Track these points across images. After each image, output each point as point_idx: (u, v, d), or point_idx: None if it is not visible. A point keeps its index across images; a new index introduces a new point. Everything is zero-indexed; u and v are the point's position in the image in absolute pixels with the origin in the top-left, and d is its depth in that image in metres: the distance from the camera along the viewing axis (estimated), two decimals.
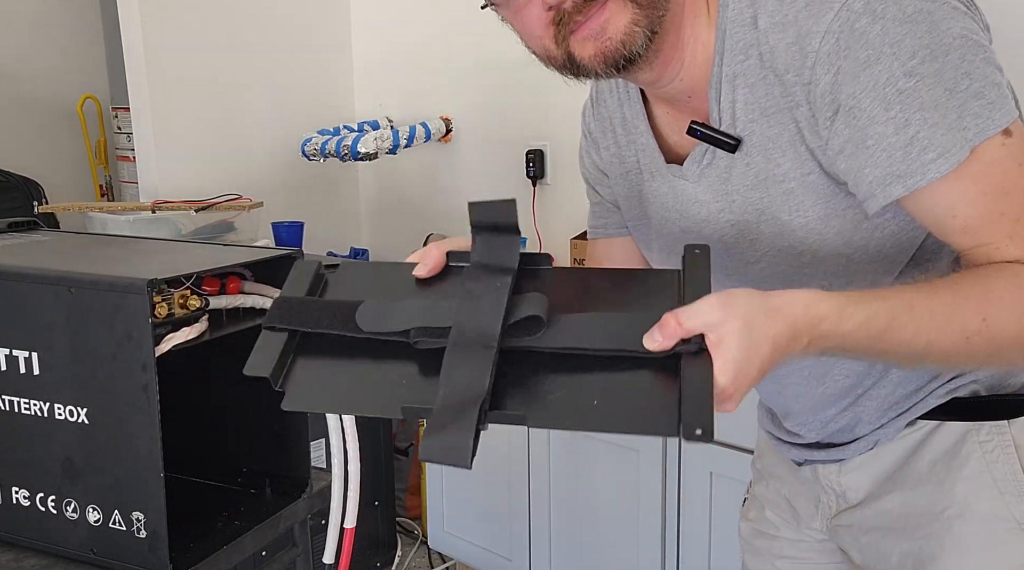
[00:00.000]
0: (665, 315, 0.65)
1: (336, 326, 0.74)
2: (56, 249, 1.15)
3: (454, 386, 0.67)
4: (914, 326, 0.74)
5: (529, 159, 2.59)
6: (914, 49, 0.73)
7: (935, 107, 0.74)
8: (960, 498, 0.92)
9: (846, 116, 0.77)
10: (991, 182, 0.76)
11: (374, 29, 3.02)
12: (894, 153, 0.75)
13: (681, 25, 0.86)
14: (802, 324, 0.69)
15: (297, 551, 1.20)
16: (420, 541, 2.77)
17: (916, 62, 0.73)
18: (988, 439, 0.91)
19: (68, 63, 3.79)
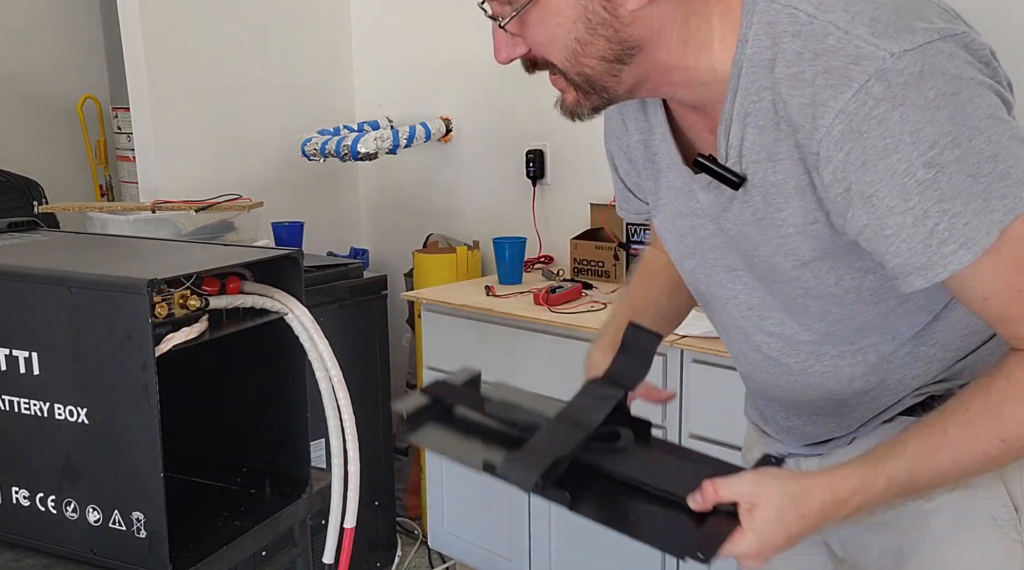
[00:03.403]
0: (704, 482, 0.81)
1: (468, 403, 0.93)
2: (56, 249, 1.15)
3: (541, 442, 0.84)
4: (935, 470, 0.81)
5: (529, 159, 2.59)
6: (935, 138, 0.72)
7: (956, 196, 0.73)
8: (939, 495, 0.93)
9: (864, 204, 0.77)
10: (1018, 259, 0.76)
11: (374, 29, 3.02)
12: (914, 245, 0.76)
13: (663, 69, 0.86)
14: (831, 508, 0.80)
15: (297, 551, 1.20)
16: (420, 541, 2.77)
17: (936, 152, 0.72)
18: None
19: (68, 63, 3.79)
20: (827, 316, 0.91)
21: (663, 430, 1.78)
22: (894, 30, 0.74)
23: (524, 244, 2.37)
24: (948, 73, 0.73)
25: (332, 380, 1.05)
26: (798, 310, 0.93)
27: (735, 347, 1.05)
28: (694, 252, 0.99)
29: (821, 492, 0.80)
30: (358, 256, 2.72)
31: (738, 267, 0.94)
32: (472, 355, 2.17)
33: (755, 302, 0.96)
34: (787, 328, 0.95)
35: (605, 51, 0.84)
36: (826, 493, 0.80)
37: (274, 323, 1.05)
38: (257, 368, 1.11)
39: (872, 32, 0.74)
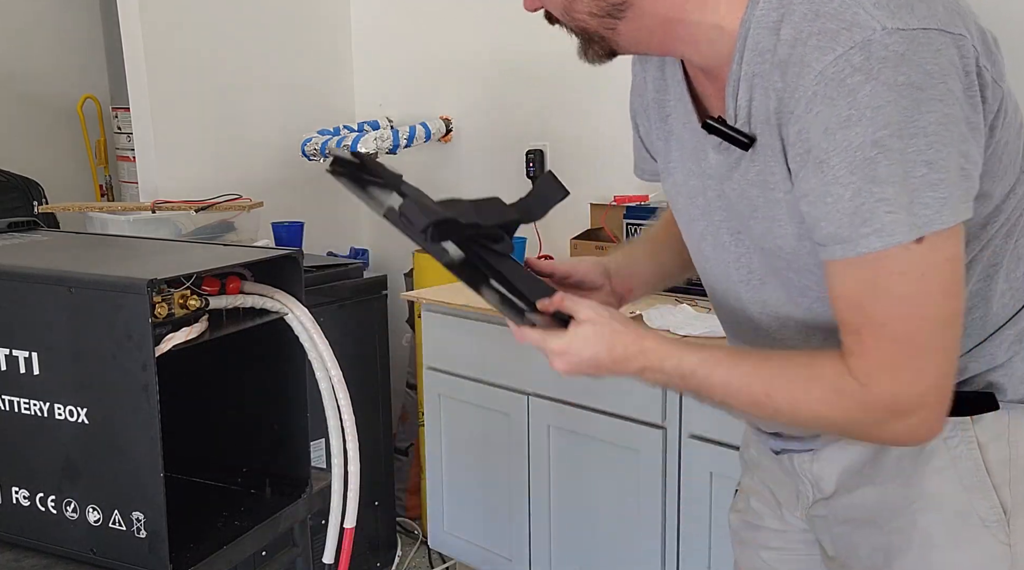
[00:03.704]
0: (557, 293, 0.97)
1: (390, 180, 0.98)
2: (56, 249, 1.15)
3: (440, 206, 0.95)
4: (711, 382, 0.89)
5: (529, 159, 2.58)
6: (888, 121, 0.74)
7: (888, 183, 0.75)
8: (926, 493, 0.94)
9: (816, 169, 0.78)
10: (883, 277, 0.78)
11: (374, 29, 3.02)
12: (843, 218, 0.77)
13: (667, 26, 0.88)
14: (633, 350, 0.92)
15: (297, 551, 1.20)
16: (420, 541, 2.77)
17: (885, 133, 0.74)
18: (952, 435, 0.92)
19: (68, 63, 3.79)
20: (807, 292, 0.92)
21: (663, 430, 1.79)
22: (896, 6, 0.74)
23: (524, 244, 2.37)
24: (925, 67, 0.74)
25: (332, 380, 1.05)
26: (786, 282, 0.94)
27: (730, 320, 1.06)
28: (704, 213, 0.99)
29: (629, 339, 0.92)
30: (358, 256, 2.72)
31: (741, 230, 0.95)
32: (472, 355, 2.17)
33: (755, 266, 0.96)
34: (779, 299, 0.96)
35: (592, 7, 0.88)
36: (631, 345, 0.92)
37: (274, 323, 1.05)
38: (257, 368, 1.12)
39: (875, 3, 0.74)
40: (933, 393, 0.81)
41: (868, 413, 0.84)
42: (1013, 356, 0.92)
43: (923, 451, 0.93)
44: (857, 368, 0.82)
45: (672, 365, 0.92)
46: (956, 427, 0.92)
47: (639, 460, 1.84)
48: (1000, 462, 0.92)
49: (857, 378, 0.82)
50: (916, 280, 0.77)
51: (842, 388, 0.83)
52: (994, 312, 0.92)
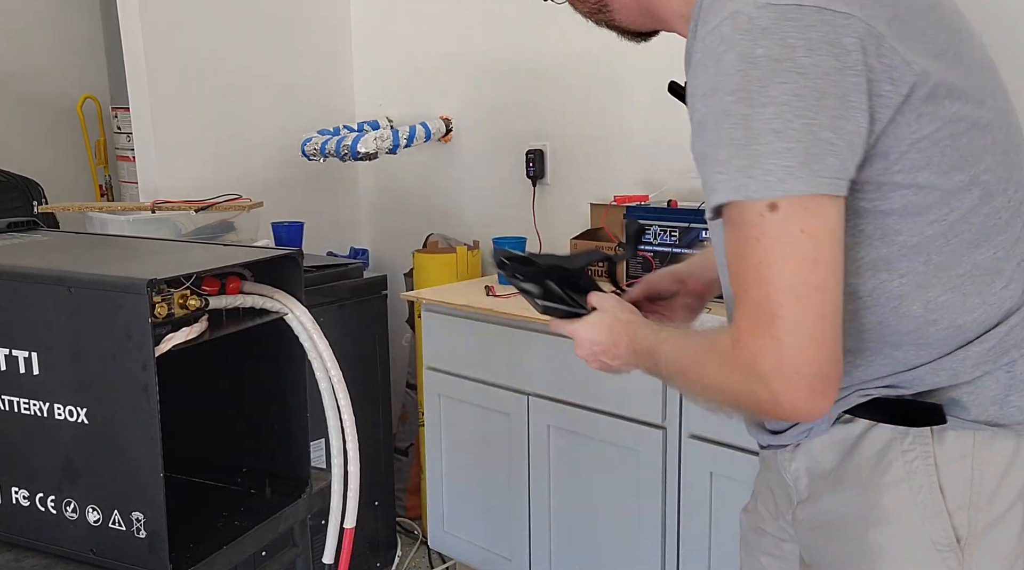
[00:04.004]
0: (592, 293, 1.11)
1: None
2: (56, 249, 1.15)
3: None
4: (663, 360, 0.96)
5: (529, 159, 2.58)
6: (737, 88, 0.77)
7: (730, 145, 0.78)
8: (879, 506, 0.91)
9: (698, 131, 0.84)
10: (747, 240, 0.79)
11: (374, 29, 3.02)
12: (702, 174, 0.83)
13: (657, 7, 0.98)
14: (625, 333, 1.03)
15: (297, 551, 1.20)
16: (420, 541, 2.77)
17: (733, 100, 0.77)
18: (911, 449, 0.90)
19: (68, 63, 3.79)
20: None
21: (663, 430, 1.79)
22: None
23: (524, 244, 2.37)
24: (787, 40, 0.76)
25: (332, 380, 1.05)
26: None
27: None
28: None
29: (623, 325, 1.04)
30: (358, 256, 2.72)
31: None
32: (472, 355, 2.17)
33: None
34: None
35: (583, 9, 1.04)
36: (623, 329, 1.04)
37: (274, 323, 1.05)
38: (257, 368, 1.12)
39: None
40: (790, 366, 0.79)
41: (737, 376, 0.83)
42: (983, 375, 0.88)
43: (881, 461, 0.91)
44: (732, 331, 0.83)
45: (646, 346, 0.99)
46: (915, 440, 0.90)
47: (639, 460, 1.84)
48: (959, 485, 0.88)
49: (731, 340, 0.83)
50: (768, 248, 0.78)
51: (724, 353, 0.84)
52: (961, 325, 0.88)
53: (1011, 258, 0.88)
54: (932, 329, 0.87)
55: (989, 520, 0.88)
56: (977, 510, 0.88)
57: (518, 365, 2.07)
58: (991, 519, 0.88)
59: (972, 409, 0.89)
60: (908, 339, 0.89)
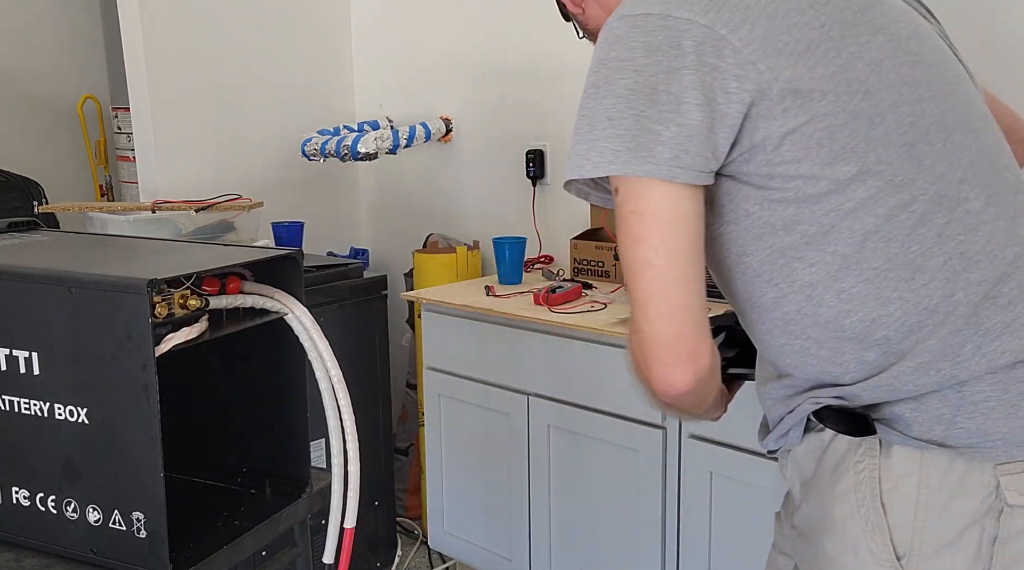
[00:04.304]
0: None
1: None
2: (56, 249, 1.15)
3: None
4: None
5: (529, 159, 2.58)
6: (590, 86, 0.88)
7: (577, 133, 0.88)
8: (831, 516, 0.92)
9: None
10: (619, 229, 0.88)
11: (374, 29, 3.02)
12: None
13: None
14: None
15: (297, 551, 1.20)
16: (420, 541, 2.77)
17: (588, 94, 0.88)
18: (861, 459, 0.90)
19: (68, 63, 3.79)
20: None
21: (663, 430, 1.79)
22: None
23: (524, 244, 2.37)
24: (631, 45, 0.86)
25: (332, 380, 1.05)
26: None
27: None
28: None
29: None
30: (358, 256, 2.72)
31: None
32: (472, 355, 2.17)
33: None
34: None
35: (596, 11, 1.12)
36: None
37: (274, 323, 1.05)
38: (257, 368, 1.11)
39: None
40: (648, 338, 0.87)
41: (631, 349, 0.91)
42: (928, 393, 0.88)
43: (836, 471, 0.92)
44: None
45: None
46: (866, 453, 0.90)
47: (639, 460, 1.84)
48: (903, 502, 0.88)
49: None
50: (617, 226, 0.88)
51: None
52: (876, 319, 0.88)
53: (933, 256, 0.86)
54: (847, 321, 0.88)
55: (937, 543, 0.87)
56: (922, 530, 0.87)
57: (518, 365, 2.07)
58: (940, 542, 0.87)
59: (915, 426, 0.88)
60: (827, 331, 0.90)
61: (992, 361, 0.86)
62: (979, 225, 0.87)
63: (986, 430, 0.86)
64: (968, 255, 0.87)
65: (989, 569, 0.87)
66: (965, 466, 0.87)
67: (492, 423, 2.16)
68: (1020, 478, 0.86)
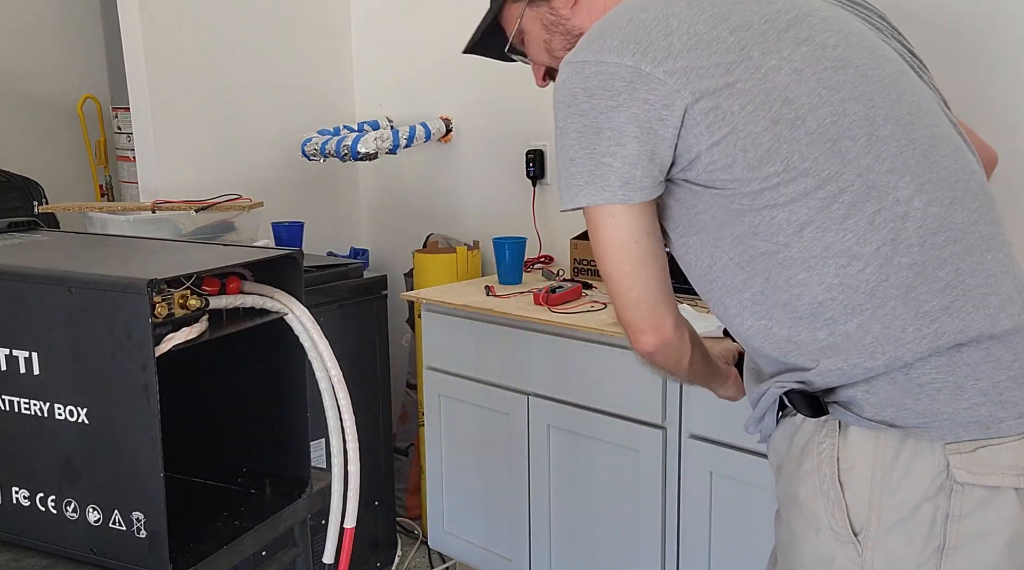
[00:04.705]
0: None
1: None
2: (56, 249, 1.15)
3: None
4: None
5: (529, 159, 2.58)
6: (556, 124, 1.01)
7: (557, 168, 1.03)
8: (796, 494, 0.99)
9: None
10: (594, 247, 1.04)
11: (374, 29, 3.02)
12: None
13: None
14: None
15: (297, 551, 1.20)
16: (420, 541, 2.77)
17: (556, 132, 1.02)
18: (823, 440, 0.97)
19: (68, 63, 3.79)
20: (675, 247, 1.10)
21: (663, 430, 1.79)
22: (582, 44, 1.00)
23: (524, 244, 2.37)
24: (575, 88, 0.99)
25: (332, 380, 1.05)
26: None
27: None
28: None
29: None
30: (358, 256, 2.72)
31: None
32: (472, 355, 2.17)
33: None
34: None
35: (564, 43, 1.20)
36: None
37: (274, 323, 1.05)
38: (257, 368, 1.12)
39: (585, 39, 1.01)
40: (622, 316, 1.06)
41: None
42: (877, 376, 0.94)
43: (802, 451, 0.99)
44: None
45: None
46: (827, 434, 0.97)
47: (639, 460, 1.84)
48: (859, 480, 0.94)
49: None
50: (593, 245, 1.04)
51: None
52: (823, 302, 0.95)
53: (867, 243, 0.93)
54: (799, 303, 0.96)
55: (891, 519, 0.93)
56: (876, 507, 0.93)
57: (518, 365, 2.07)
58: (893, 518, 0.93)
59: (867, 408, 0.94)
60: (784, 311, 0.98)
61: (932, 343, 0.91)
62: (909, 212, 0.93)
63: (933, 411, 0.92)
64: (899, 241, 0.92)
65: (943, 546, 0.92)
66: (915, 445, 0.93)
67: (492, 423, 2.16)
68: (967, 457, 0.92)
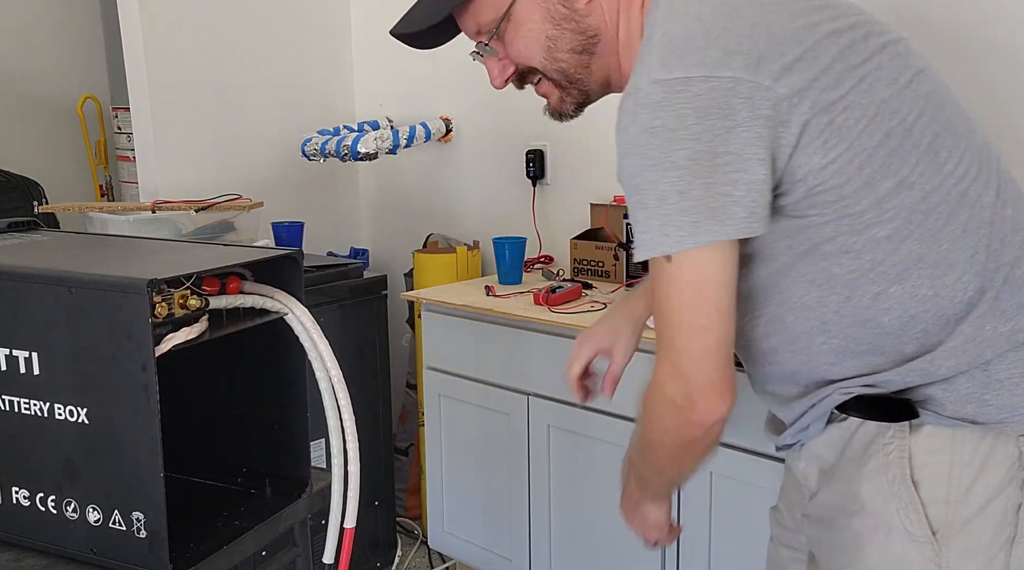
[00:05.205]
0: None
1: None
2: (56, 249, 1.15)
3: None
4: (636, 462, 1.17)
5: (529, 159, 2.58)
6: (646, 157, 0.87)
7: (646, 208, 0.88)
8: (859, 497, 0.96)
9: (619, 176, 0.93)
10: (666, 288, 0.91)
11: (374, 29, 3.02)
12: (634, 232, 0.92)
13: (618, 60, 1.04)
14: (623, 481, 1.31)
15: (297, 551, 1.20)
16: (420, 541, 2.77)
17: (643, 167, 0.88)
18: (890, 441, 0.95)
19: (68, 63, 3.79)
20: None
21: None
22: (669, 58, 0.87)
23: (524, 244, 2.37)
24: (679, 111, 0.85)
25: (332, 380, 1.05)
26: None
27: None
28: None
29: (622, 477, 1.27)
30: (358, 256, 2.72)
31: None
32: (472, 355, 2.17)
33: None
34: None
35: (573, 43, 1.03)
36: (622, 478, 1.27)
37: (274, 323, 1.05)
38: (257, 368, 1.11)
39: (658, 55, 0.88)
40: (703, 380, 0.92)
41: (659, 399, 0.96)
42: (957, 375, 0.93)
43: (864, 454, 0.96)
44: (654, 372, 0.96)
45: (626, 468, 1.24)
46: (895, 435, 0.95)
47: None
48: (935, 479, 0.93)
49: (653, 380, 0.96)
50: (667, 291, 0.90)
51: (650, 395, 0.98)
52: (914, 315, 0.93)
53: (961, 251, 0.92)
54: (885, 319, 0.93)
55: (966, 515, 0.92)
56: (954, 505, 0.92)
57: (518, 365, 2.07)
58: (968, 514, 0.92)
59: (948, 406, 0.93)
60: (865, 329, 0.95)
61: (1010, 339, 0.92)
62: (993, 217, 0.94)
63: (1013, 405, 0.92)
64: (990, 246, 0.93)
65: (1015, 536, 0.91)
66: (993, 440, 0.92)
67: (492, 423, 2.16)
68: None
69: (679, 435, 0.97)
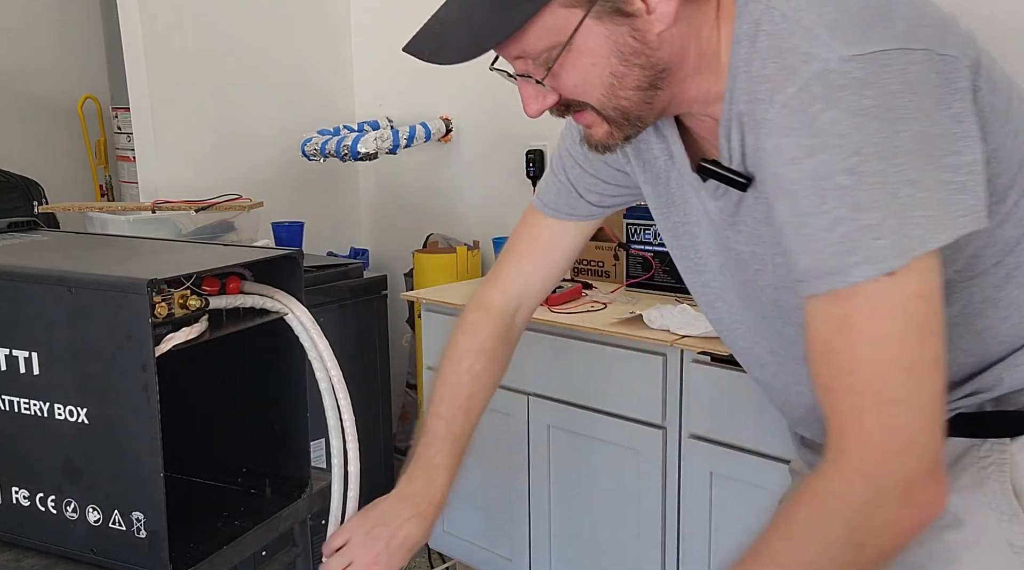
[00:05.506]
0: None
1: None
2: (56, 249, 1.15)
3: None
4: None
5: (529, 159, 2.58)
6: (860, 146, 0.71)
7: (872, 208, 0.71)
8: (953, 511, 0.90)
9: (788, 200, 0.76)
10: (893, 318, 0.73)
11: (374, 29, 3.02)
12: (824, 249, 0.74)
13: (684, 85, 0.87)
14: None
15: (297, 551, 1.20)
16: None
17: (859, 159, 0.71)
18: (986, 455, 0.90)
19: (68, 63, 3.79)
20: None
21: (663, 430, 1.79)
22: (852, 33, 0.73)
23: None
24: (890, 87, 0.72)
25: (332, 380, 1.05)
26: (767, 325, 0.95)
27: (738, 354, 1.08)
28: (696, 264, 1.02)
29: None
30: (358, 256, 2.72)
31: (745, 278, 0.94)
32: None
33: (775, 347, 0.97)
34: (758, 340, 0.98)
35: (640, 80, 0.85)
36: None
37: (274, 323, 1.05)
38: (257, 368, 1.11)
39: (830, 33, 0.73)
40: (912, 457, 0.73)
41: (849, 495, 0.75)
42: None
43: (955, 468, 0.91)
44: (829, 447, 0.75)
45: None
46: (993, 447, 0.90)
47: (639, 460, 1.84)
48: None
49: (832, 458, 0.75)
50: (886, 317, 0.73)
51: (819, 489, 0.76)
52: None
53: None
54: (1003, 327, 0.88)
55: None
56: None
57: (518, 365, 2.06)
58: None
59: None
60: (980, 339, 0.89)
61: None
62: None
63: None
64: None
65: None
66: None
67: (492, 423, 2.16)
68: None
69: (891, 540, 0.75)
